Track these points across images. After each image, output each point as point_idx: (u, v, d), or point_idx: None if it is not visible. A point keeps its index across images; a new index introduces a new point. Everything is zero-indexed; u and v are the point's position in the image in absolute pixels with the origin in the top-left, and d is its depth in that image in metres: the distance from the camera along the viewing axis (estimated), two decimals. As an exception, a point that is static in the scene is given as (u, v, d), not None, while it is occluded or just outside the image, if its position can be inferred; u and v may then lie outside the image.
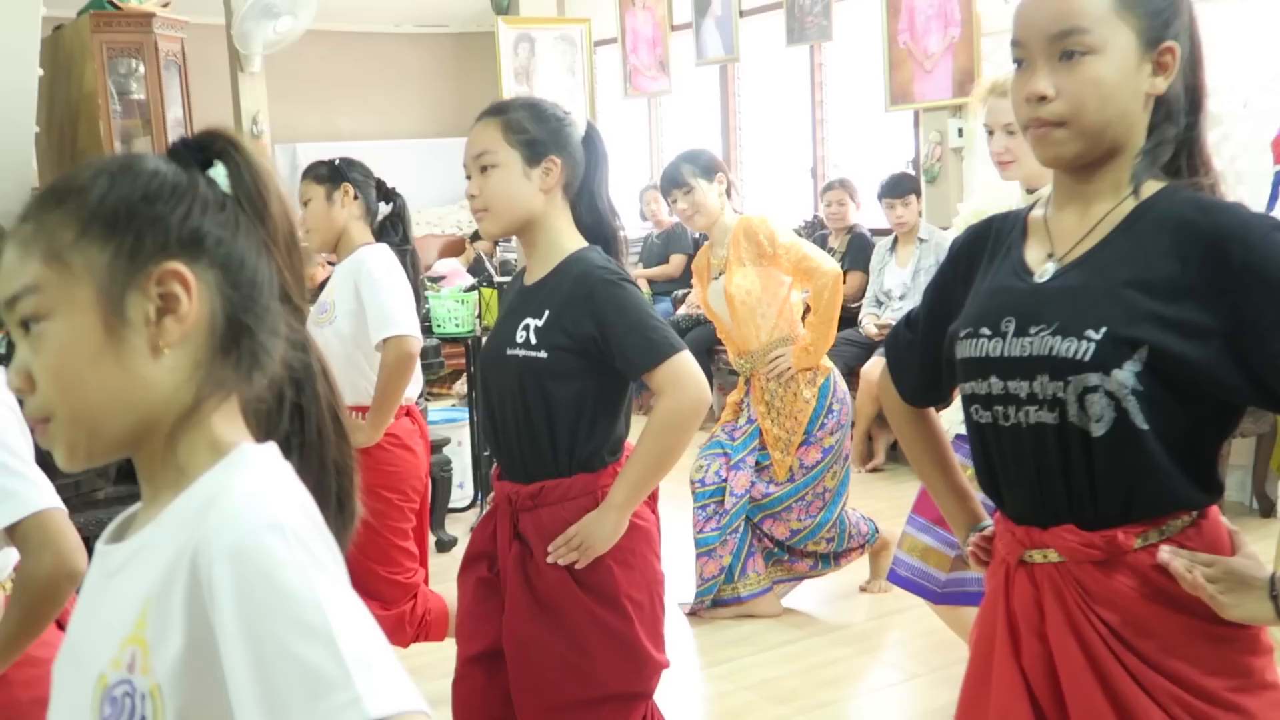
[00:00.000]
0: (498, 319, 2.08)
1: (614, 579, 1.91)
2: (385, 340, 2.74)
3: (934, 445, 1.57)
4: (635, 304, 1.89)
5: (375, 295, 2.78)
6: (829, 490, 3.51)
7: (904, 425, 1.58)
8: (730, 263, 3.42)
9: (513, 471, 1.99)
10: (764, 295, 3.41)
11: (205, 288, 0.87)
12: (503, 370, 1.96)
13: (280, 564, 0.79)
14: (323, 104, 8.53)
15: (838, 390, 3.49)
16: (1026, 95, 1.30)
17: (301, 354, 0.93)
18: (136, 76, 6.51)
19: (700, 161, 3.41)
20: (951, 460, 1.57)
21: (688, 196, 3.39)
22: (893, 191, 5.40)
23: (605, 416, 1.94)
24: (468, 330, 4.58)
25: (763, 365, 3.47)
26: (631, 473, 1.89)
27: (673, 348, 1.87)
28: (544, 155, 1.94)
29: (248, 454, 0.87)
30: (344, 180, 2.92)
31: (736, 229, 3.41)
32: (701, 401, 1.87)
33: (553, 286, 1.94)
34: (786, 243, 3.37)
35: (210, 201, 0.89)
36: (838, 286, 3.37)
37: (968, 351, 1.34)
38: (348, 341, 2.82)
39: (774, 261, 3.38)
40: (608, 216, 2.02)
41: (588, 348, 1.89)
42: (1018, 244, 1.38)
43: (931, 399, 1.54)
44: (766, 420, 3.47)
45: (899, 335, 1.55)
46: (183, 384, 0.87)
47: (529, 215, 1.96)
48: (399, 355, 2.73)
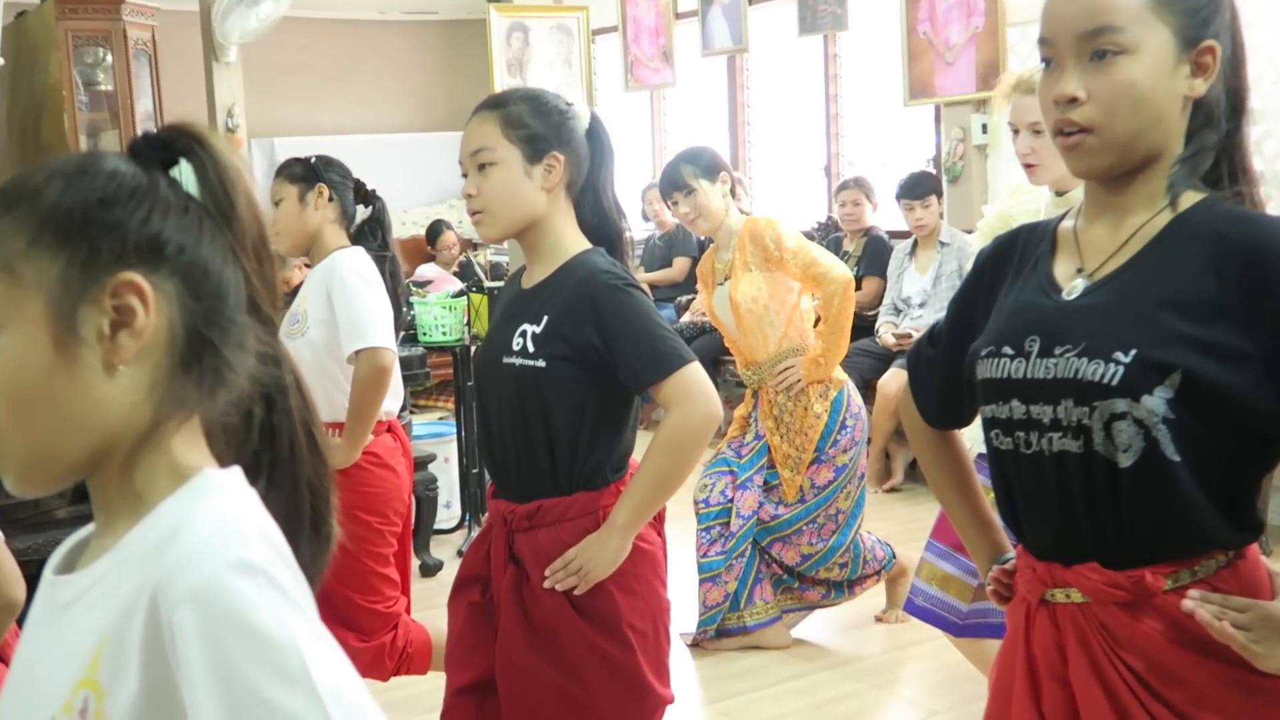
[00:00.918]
0: (492, 324, 2.08)
1: (616, 606, 1.91)
2: (357, 353, 2.74)
3: (956, 470, 1.56)
4: (641, 311, 1.89)
5: (347, 303, 2.77)
6: (842, 512, 3.52)
7: (925, 447, 1.58)
8: (736, 268, 3.42)
9: (508, 489, 1.99)
10: (771, 302, 3.42)
11: (164, 299, 0.86)
12: (498, 380, 1.96)
13: (251, 606, 0.78)
14: (303, 96, 8.55)
15: (851, 404, 3.49)
16: (1055, 97, 1.30)
17: (273, 369, 0.92)
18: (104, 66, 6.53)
19: (701, 161, 3.41)
20: (975, 486, 1.57)
21: (689, 199, 3.40)
22: (912, 192, 5.41)
23: (608, 431, 1.94)
24: (455, 339, 4.58)
25: (771, 377, 3.47)
26: (636, 492, 1.89)
27: (681, 359, 1.87)
28: (546, 151, 1.94)
29: (211, 480, 0.86)
30: (319, 180, 2.92)
31: (742, 232, 3.42)
32: (712, 417, 1.87)
33: (553, 291, 1.94)
34: (794, 246, 3.38)
35: (172, 204, 0.87)
36: (848, 293, 3.38)
37: (988, 372, 1.34)
38: (321, 353, 2.82)
39: (781, 266, 3.38)
40: (613, 215, 2.03)
41: (589, 357, 1.89)
42: (1046, 258, 1.38)
43: (952, 421, 1.54)
44: (775, 436, 3.48)
45: (920, 351, 1.55)
46: (140, 404, 0.86)
47: (531, 216, 1.96)
48: (372, 370, 2.73)
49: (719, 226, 3.45)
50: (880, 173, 6.48)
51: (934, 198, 5.42)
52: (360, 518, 2.79)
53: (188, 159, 0.90)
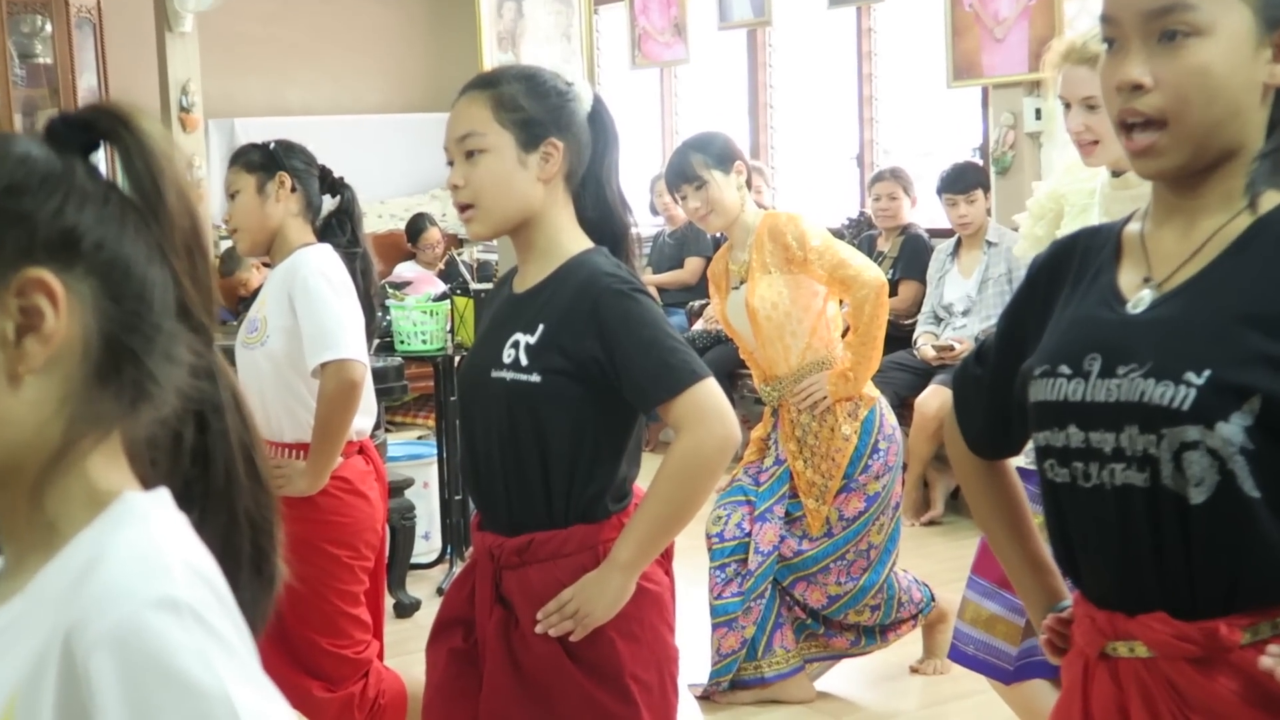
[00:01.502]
0: (480, 333, 2.08)
1: (616, 655, 1.91)
2: (323, 365, 2.73)
3: (1007, 506, 1.56)
4: (649, 319, 1.89)
5: (312, 309, 2.77)
6: (874, 548, 3.51)
7: (971, 479, 1.57)
8: (753, 270, 3.42)
9: (496, 520, 1.99)
10: (793, 309, 3.42)
11: (78, 301, 0.85)
12: (485, 396, 1.96)
13: (175, 649, 0.78)
14: (267, 71, 8.58)
15: (885, 425, 3.48)
16: (1118, 83, 1.30)
17: (206, 384, 0.91)
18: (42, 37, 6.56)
19: (713, 149, 3.41)
20: (1028, 524, 1.56)
21: (700, 192, 3.40)
22: (955, 185, 5.41)
23: (610, 455, 1.94)
24: (437, 348, 4.59)
25: (793, 394, 3.47)
26: (641, 525, 1.89)
27: (694, 374, 1.87)
28: (543, 138, 1.95)
29: (133, 505, 0.86)
30: (280, 168, 2.92)
31: (760, 229, 3.41)
32: (728, 440, 1.87)
33: (549, 295, 1.94)
34: (819, 245, 3.38)
35: (90, 194, 0.86)
36: (881, 299, 3.38)
37: (1043, 394, 1.34)
38: (283, 365, 2.81)
39: (805, 268, 3.38)
40: (617, 210, 2.03)
41: (590, 371, 1.90)
42: (1109, 265, 1.37)
43: (999, 449, 1.54)
44: (798, 461, 3.47)
45: (967, 371, 1.54)
46: (49, 420, 0.85)
47: (525, 211, 1.96)
48: (340, 384, 2.72)
49: (733, 223, 3.45)
50: (920, 163, 6.48)
51: (980, 192, 5.41)
52: (327, 551, 2.78)
53: (111, 143, 0.89)
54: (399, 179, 8.71)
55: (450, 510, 4.74)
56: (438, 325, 4.57)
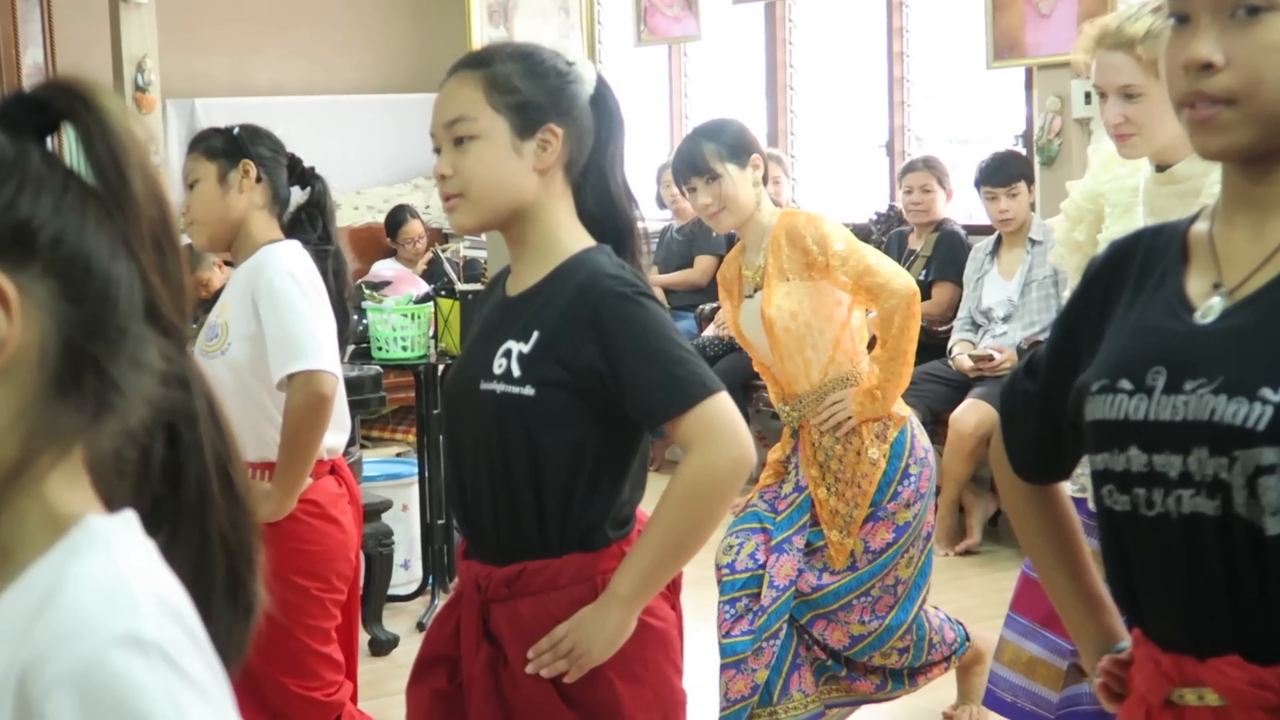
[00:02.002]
0: (468, 340, 2.08)
1: (616, 698, 1.91)
2: (290, 377, 2.74)
3: (1059, 536, 1.56)
4: (656, 326, 1.89)
5: (278, 313, 2.77)
6: (903, 583, 3.50)
7: (1019, 507, 1.57)
8: (769, 275, 3.41)
9: (483, 548, 1.99)
10: (814, 319, 3.41)
11: (34, 303, 0.85)
12: (473, 411, 1.97)
13: (142, 692, 0.78)
14: (231, 47, 8.59)
15: (916, 447, 3.48)
16: (1185, 62, 1.30)
17: (177, 392, 0.91)
18: (-16, 6, 6.57)
19: (726, 138, 3.40)
20: (1083, 557, 1.56)
21: (711, 186, 3.39)
22: (995, 177, 5.40)
23: (611, 477, 1.94)
24: (419, 355, 4.59)
25: (815, 414, 3.46)
26: (644, 554, 1.89)
27: (705, 388, 1.87)
28: (541, 123, 1.95)
29: (95, 530, 0.85)
30: (244, 156, 2.92)
31: (776, 230, 3.40)
32: (742, 461, 1.88)
33: (545, 299, 1.95)
34: (842, 250, 3.36)
35: (46, 182, 0.86)
36: (912, 309, 3.36)
37: (1101, 411, 1.34)
38: (246, 376, 2.82)
39: (826, 274, 3.37)
40: (622, 204, 2.04)
41: (589, 384, 1.90)
42: (1174, 269, 1.38)
43: (1049, 473, 1.54)
44: (820, 488, 3.47)
45: (1016, 386, 1.55)
46: (3, 436, 0.85)
47: (518, 203, 1.97)
48: (308, 397, 2.72)
49: (747, 222, 3.44)
50: (956, 152, 6.48)
51: (1023, 184, 5.42)
52: (295, 583, 2.79)
53: (70, 124, 0.89)
54: (378, 167, 8.73)
55: (432, 536, 4.73)
56: (419, 330, 4.57)
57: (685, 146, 3.46)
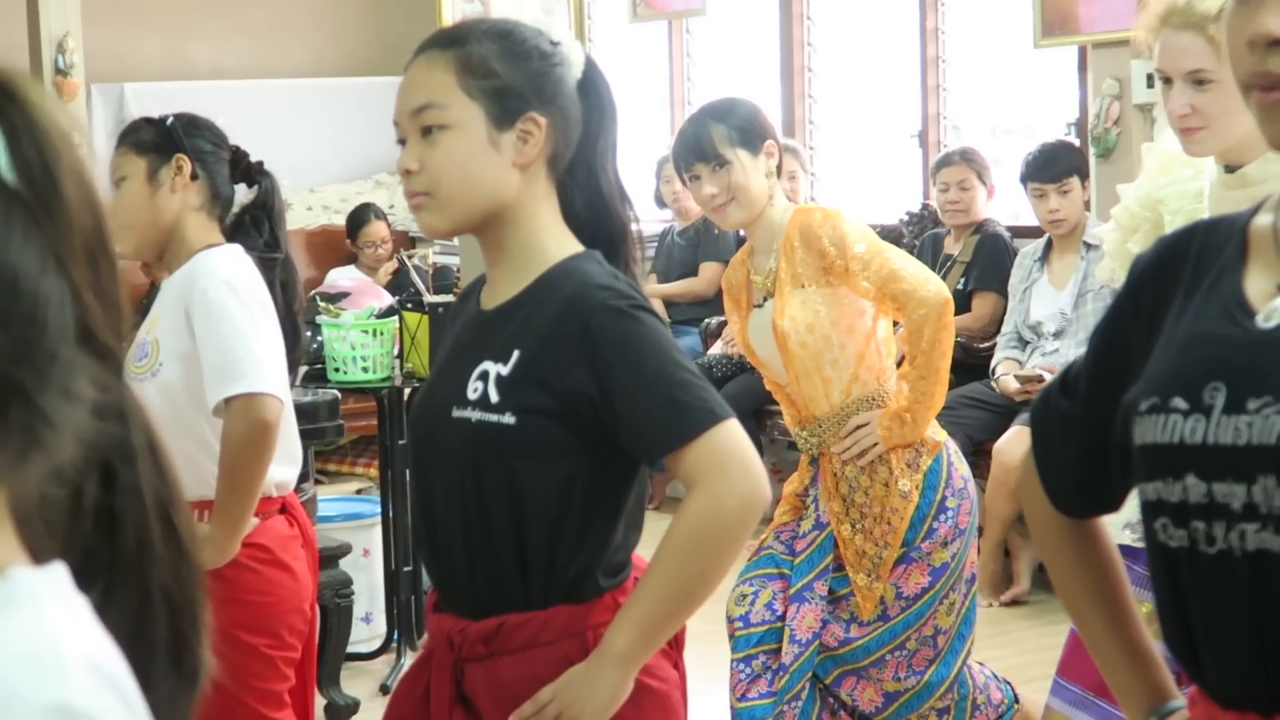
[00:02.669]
0: (439, 361, 2.09)
1: (610, 771, 1.92)
2: (227, 401, 2.75)
3: (1100, 579, 1.56)
4: (655, 345, 1.90)
5: (214, 329, 2.78)
6: (944, 633, 3.50)
7: (1054, 544, 1.58)
8: (781, 282, 3.41)
9: (456, 599, 1.99)
10: (834, 332, 3.41)
11: None
12: (445, 442, 1.97)
13: None
14: (166, 24, 8.60)
15: (954, 476, 3.48)
16: (1250, 37, 1.31)
17: (114, 426, 0.91)
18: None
19: (737, 119, 3.41)
20: (1127, 603, 1.57)
21: (719, 175, 3.38)
22: (1045, 172, 5.40)
23: (603, 517, 1.95)
24: (382, 378, 4.59)
25: (837, 440, 3.46)
26: (642, 606, 1.89)
27: (711, 415, 1.88)
28: (521, 112, 1.96)
29: (20, 586, 0.85)
30: (178, 149, 2.93)
31: (789, 229, 3.40)
32: (755, 499, 1.88)
33: (527, 314, 1.95)
34: (863, 252, 3.35)
35: None
36: (944, 320, 3.36)
37: (1152, 434, 1.34)
38: (180, 401, 2.83)
39: (846, 279, 3.36)
40: (614, 203, 2.04)
41: (579, 411, 1.90)
42: (1232, 268, 1.38)
43: (1091, 504, 1.55)
44: (845, 526, 3.47)
45: (1049, 404, 1.55)
46: None
47: (495, 203, 1.97)
48: (248, 425, 2.73)
49: (757, 218, 3.44)
50: (999, 143, 6.49)
51: (1076, 180, 5.42)
52: (241, 640, 2.79)
53: None
54: (335, 161, 8.73)
55: (398, 586, 4.73)
56: (383, 349, 4.57)
57: (690, 128, 3.46)
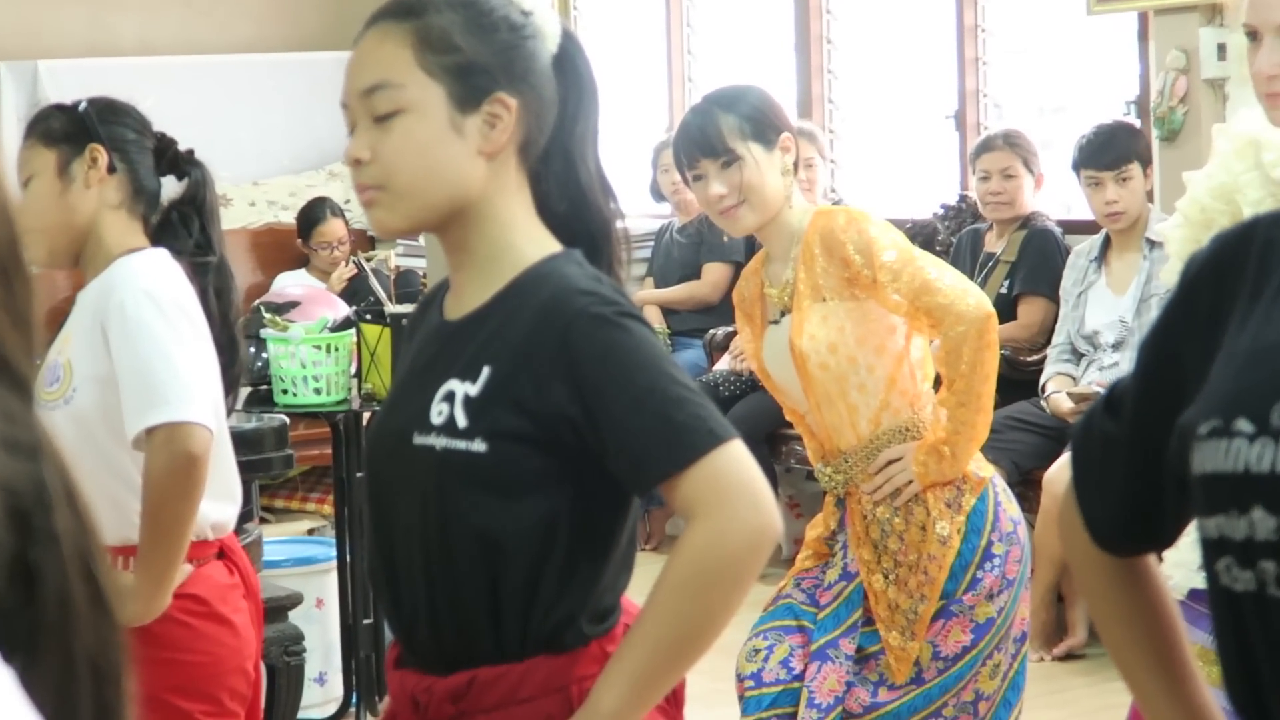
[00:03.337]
0: (395, 381, 2.10)
1: None
2: (149, 432, 2.75)
3: (1151, 629, 1.57)
4: (646, 357, 1.90)
5: (132, 348, 2.79)
6: (986, 698, 3.50)
7: (1098, 587, 1.59)
8: (799, 295, 3.41)
9: (421, 653, 2.00)
10: (861, 351, 3.40)
11: None
12: (405, 473, 1.98)
13: None
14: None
15: (1001, 519, 3.47)
16: None
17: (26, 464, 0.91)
18: None
19: (748, 109, 3.42)
20: (1182, 656, 1.57)
21: (728, 173, 3.39)
22: (1100, 157, 5.42)
23: (589, 557, 1.95)
24: (337, 400, 4.59)
25: (866, 477, 3.46)
26: (634, 657, 1.89)
27: (712, 436, 1.87)
28: (488, 92, 1.97)
29: None
30: (93, 139, 2.93)
31: (809, 234, 3.40)
32: (763, 532, 1.87)
33: (498, 324, 1.96)
34: (893, 260, 3.35)
35: None
36: (986, 337, 3.34)
37: (1213, 462, 1.35)
38: (97, 432, 2.83)
39: (873, 291, 3.36)
40: (595, 197, 2.05)
41: (559, 436, 1.91)
42: None
43: (1142, 542, 1.56)
44: (875, 575, 3.46)
45: (1093, 428, 1.56)
46: None
47: (459, 197, 1.98)
48: (172, 459, 2.74)
49: (772, 222, 3.44)
50: (1048, 124, 6.49)
51: (1136, 166, 5.44)
52: (174, 706, 2.79)
53: None
54: (283, 149, 8.73)
55: (357, 641, 4.72)
56: (338, 367, 4.57)
57: (694, 119, 3.47)
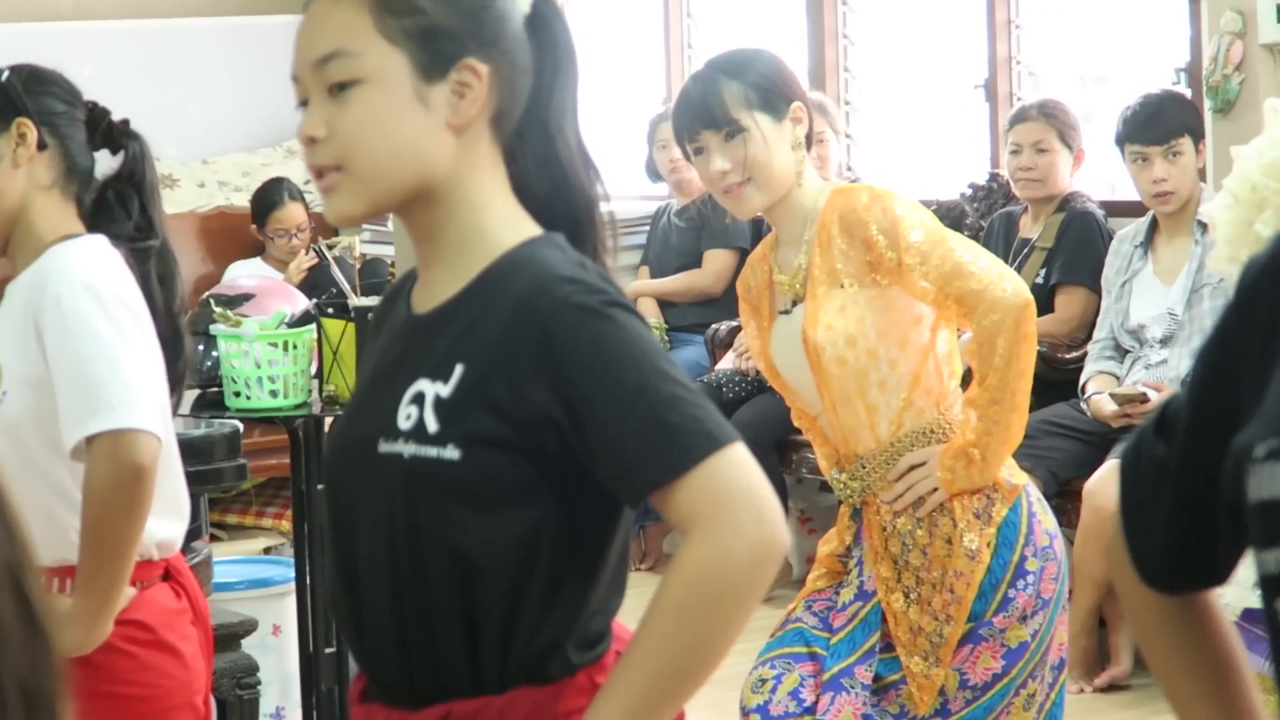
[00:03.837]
0: (358, 382, 2.11)
1: None
2: (90, 440, 2.76)
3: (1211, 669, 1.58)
4: (637, 351, 1.90)
5: (69, 347, 2.80)
6: (1021, 732, 3.51)
7: (1151, 627, 1.60)
8: (814, 282, 3.43)
9: (389, 685, 2.01)
10: (882, 344, 3.42)
11: None
12: (369, 485, 1.98)
13: None
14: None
15: (1036, 531, 3.49)
16: None
17: None
18: None
19: (755, 76, 3.43)
20: (1246, 698, 1.58)
21: (731, 146, 3.40)
22: (1147, 131, 5.44)
23: (576, 577, 1.96)
24: (296, 404, 4.59)
25: (886, 485, 3.48)
26: (627, 686, 1.90)
27: (710, 439, 1.87)
28: (456, 58, 1.97)
29: None
30: (17, 114, 2.94)
31: (825, 214, 3.42)
32: (768, 546, 1.87)
33: (472, 318, 1.96)
34: (921, 240, 3.36)
35: None
36: (1023, 328, 3.35)
37: (1271, 486, 1.35)
38: (30, 441, 2.86)
39: (898, 277, 3.38)
40: (577, 175, 2.05)
41: (543, 441, 1.91)
42: None
43: (1193, 577, 1.57)
44: (895, 594, 3.47)
45: (1142, 449, 1.57)
46: None
47: (425, 177, 1.98)
48: (116, 470, 2.75)
49: (781, 202, 3.46)
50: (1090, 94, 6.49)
51: (1187, 141, 5.45)
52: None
53: None
54: (236, 124, 8.73)
55: (317, 672, 4.72)
56: (297, 366, 4.57)
57: (695, 87, 3.48)
